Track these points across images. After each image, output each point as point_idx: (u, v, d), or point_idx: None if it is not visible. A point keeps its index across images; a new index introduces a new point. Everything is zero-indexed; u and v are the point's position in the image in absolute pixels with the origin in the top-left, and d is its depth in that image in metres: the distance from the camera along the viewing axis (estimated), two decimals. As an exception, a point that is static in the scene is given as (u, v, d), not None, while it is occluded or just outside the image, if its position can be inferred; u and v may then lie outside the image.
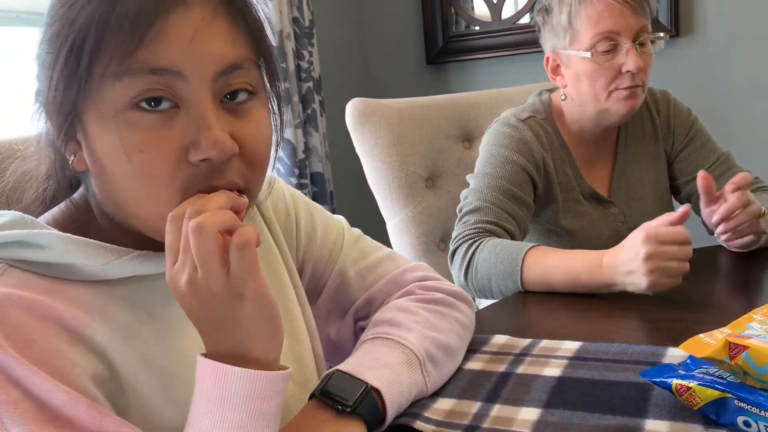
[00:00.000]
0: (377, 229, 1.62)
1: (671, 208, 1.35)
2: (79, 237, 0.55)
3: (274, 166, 0.85)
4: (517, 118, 1.24)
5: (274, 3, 1.70)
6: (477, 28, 2.26)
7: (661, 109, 1.31)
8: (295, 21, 1.85)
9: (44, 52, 0.54)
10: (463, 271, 1.09)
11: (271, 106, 0.61)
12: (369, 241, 0.84)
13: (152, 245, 0.58)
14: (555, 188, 1.24)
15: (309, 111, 1.90)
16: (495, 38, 2.21)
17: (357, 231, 0.84)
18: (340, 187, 2.10)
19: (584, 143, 1.27)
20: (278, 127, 0.63)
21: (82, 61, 0.51)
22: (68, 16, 0.52)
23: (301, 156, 1.86)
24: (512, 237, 1.15)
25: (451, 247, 1.14)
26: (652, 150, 1.32)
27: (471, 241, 1.11)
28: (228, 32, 0.54)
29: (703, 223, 1.14)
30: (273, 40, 1.66)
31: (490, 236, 1.12)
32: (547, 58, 1.24)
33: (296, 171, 1.83)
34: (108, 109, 0.52)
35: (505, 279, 1.04)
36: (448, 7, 2.26)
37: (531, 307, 1.01)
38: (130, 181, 0.53)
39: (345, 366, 0.63)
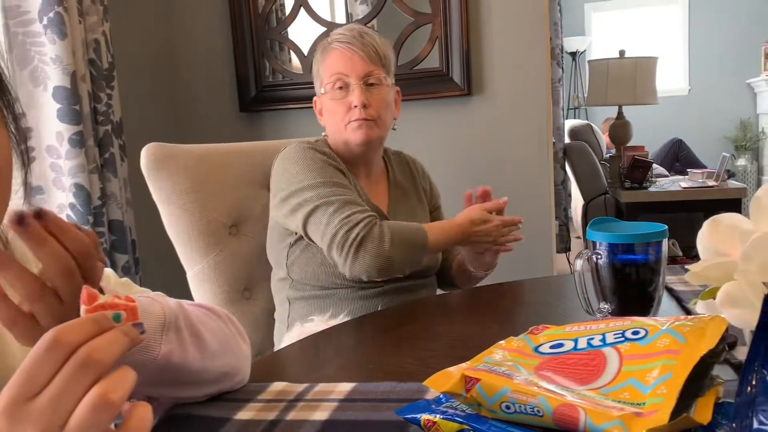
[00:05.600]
0: (186, 280, 1.54)
1: None
2: None
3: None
4: (306, 142, 1.40)
5: (65, 43, 1.60)
6: (289, 79, 2.30)
7: (419, 167, 1.58)
8: (91, 62, 1.76)
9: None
10: (357, 244, 1.23)
11: None
12: (137, 287, 0.83)
13: None
14: None
15: (107, 155, 1.80)
16: (307, 90, 2.26)
17: (125, 279, 0.82)
18: (144, 237, 1.99)
19: (353, 164, 1.43)
20: None
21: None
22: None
23: (97, 203, 1.74)
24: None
25: (341, 234, 1.25)
26: (414, 190, 1.54)
27: (365, 222, 1.25)
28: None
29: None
30: (65, 81, 1.57)
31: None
32: (315, 101, 1.47)
33: (90, 219, 1.71)
34: None
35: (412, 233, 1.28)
36: (260, 57, 2.29)
37: (316, 349, 1.01)
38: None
39: None
